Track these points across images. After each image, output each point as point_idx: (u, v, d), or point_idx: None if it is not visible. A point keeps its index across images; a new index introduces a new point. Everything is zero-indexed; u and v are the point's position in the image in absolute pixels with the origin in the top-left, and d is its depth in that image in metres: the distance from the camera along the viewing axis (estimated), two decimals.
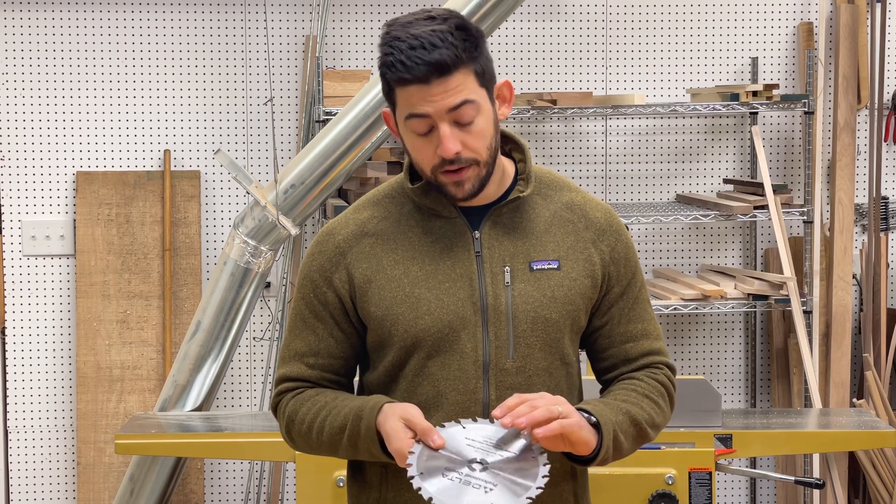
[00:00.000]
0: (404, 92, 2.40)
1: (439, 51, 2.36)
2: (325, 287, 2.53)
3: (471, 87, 2.41)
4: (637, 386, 2.55)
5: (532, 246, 2.52)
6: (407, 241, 2.51)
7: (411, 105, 2.40)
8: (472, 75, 2.41)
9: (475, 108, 2.41)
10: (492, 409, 2.46)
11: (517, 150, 2.57)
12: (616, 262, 2.56)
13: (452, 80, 2.38)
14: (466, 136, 2.41)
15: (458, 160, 2.41)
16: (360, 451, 2.46)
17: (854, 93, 5.40)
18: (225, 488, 5.44)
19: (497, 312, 2.48)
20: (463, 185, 2.44)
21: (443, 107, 2.39)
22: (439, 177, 2.44)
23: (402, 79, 2.38)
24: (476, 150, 2.42)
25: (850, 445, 4.60)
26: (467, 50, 2.39)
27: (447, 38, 2.37)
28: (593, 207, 2.58)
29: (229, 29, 5.33)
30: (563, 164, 5.46)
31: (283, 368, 2.59)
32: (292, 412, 2.54)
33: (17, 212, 5.30)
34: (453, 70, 2.38)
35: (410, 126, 2.42)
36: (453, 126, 2.40)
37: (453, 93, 2.38)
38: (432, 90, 2.38)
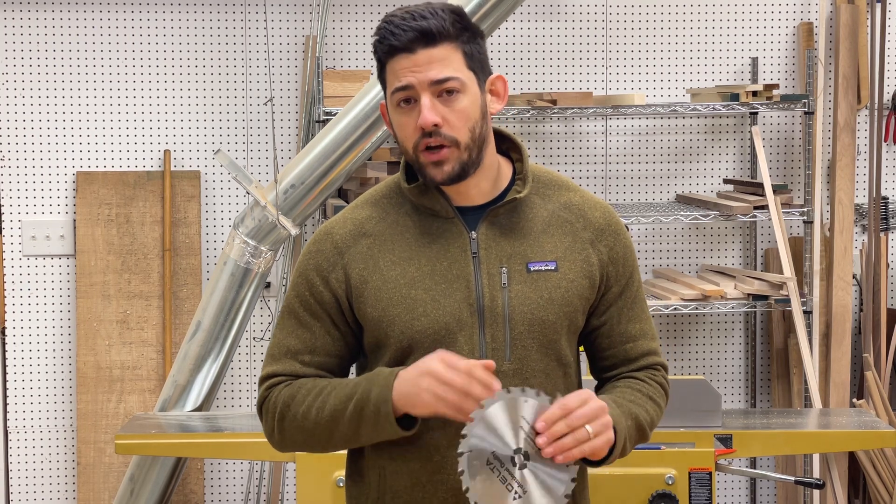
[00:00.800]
0: (392, 66, 2.43)
1: (427, 21, 2.41)
2: (322, 286, 2.52)
3: (456, 64, 2.43)
4: (642, 387, 2.56)
5: (529, 247, 2.51)
6: (404, 241, 2.51)
7: (397, 78, 2.43)
8: (460, 54, 2.44)
9: (459, 85, 2.43)
10: None
11: (514, 150, 2.57)
12: (615, 262, 2.56)
13: (437, 51, 2.41)
14: (448, 112, 2.42)
15: (437, 133, 2.42)
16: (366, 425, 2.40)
17: (854, 93, 5.40)
18: (225, 488, 5.44)
19: (493, 314, 2.47)
20: (442, 165, 2.44)
21: (426, 78, 2.41)
22: (420, 156, 2.44)
23: (391, 47, 2.42)
24: (456, 129, 2.43)
25: (850, 445, 4.60)
26: (456, 27, 2.43)
27: (437, 12, 2.42)
28: (592, 207, 2.58)
29: (229, 29, 5.33)
30: (563, 164, 5.46)
31: (273, 366, 2.53)
32: (288, 397, 2.48)
33: (17, 212, 5.30)
34: (438, 40, 2.41)
35: (395, 100, 2.44)
36: (435, 100, 2.42)
37: (438, 65, 2.41)
38: (417, 58, 2.41)
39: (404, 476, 2.50)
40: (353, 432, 2.43)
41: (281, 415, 2.49)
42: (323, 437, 2.46)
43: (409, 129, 2.44)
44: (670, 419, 3.86)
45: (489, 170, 2.51)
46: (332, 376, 2.53)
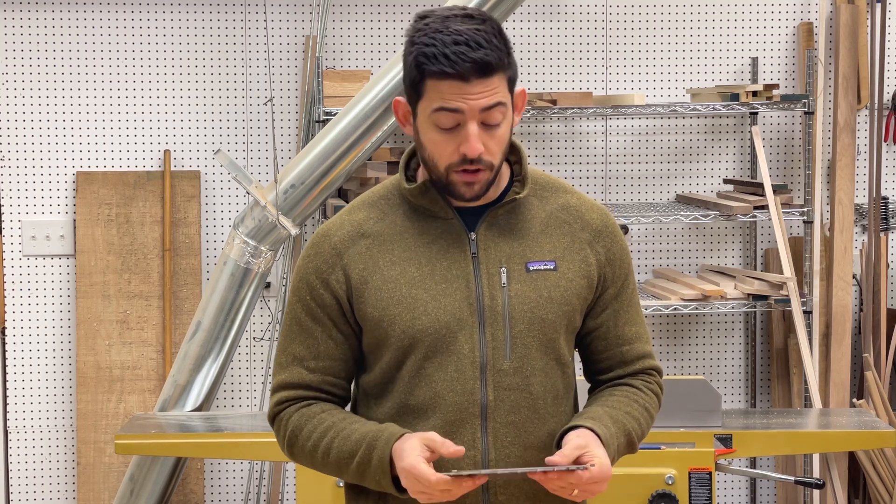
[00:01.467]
0: (439, 85, 2.39)
1: (485, 51, 2.38)
2: (322, 289, 2.52)
3: (503, 91, 2.42)
4: (638, 397, 2.58)
5: (528, 247, 2.52)
6: (403, 242, 2.51)
7: (444, 99, 2.39)
8: (506, 81, 2.43)
9: (503, 113, 2.43)
10: (489, 409, 2.47)
11: (513, 152, 2.58)
12: (611, 263, 2.57)
13: (491, 82, 2.39)
14: (489, 139, 2.43)
15: (478, 161, 2.42)
16: (368, 479, 2.45)
17: (854, 93, 5.40)
18: (225, 488, 5.44)
19: (494, 313, 2.48)
20: (474, 186, 2.45)
21: (477, 106, 2.39)
22: (452, 175, 2.44)
23: (444, 72, 2.37)
24: (494, 155, 2.44)
25: (850, 445, 4.60)
26: (504, 55, 2.42)
27: (491, 41, 2.39)
28: (588, 209, 2.59)
29: (229, 29, 5.33)
30: (563, 164, 5.46)
31: (281, 374, 2.56)
32: (296, 428, 2.52)
33: (17, 212, 5.30)
34: (495, 72, 2.39)
35: (436, 119, 2.42)
36: (480, 126, 2.41)
37: (490, 94, 2.40)
38: (471, 88, 2.38)
39: None
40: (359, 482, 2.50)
41: (290, 442, 2.55)
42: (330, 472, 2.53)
43: (446, 149, 2.43)
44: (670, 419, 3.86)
45: None
46: (339, 381, 2.55)
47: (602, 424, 2.47)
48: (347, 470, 2.47)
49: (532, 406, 2.49)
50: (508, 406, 2.48)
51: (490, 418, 2.47)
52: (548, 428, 2.51)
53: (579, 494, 2.41)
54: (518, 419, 2.48)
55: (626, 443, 2.53)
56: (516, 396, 2.48)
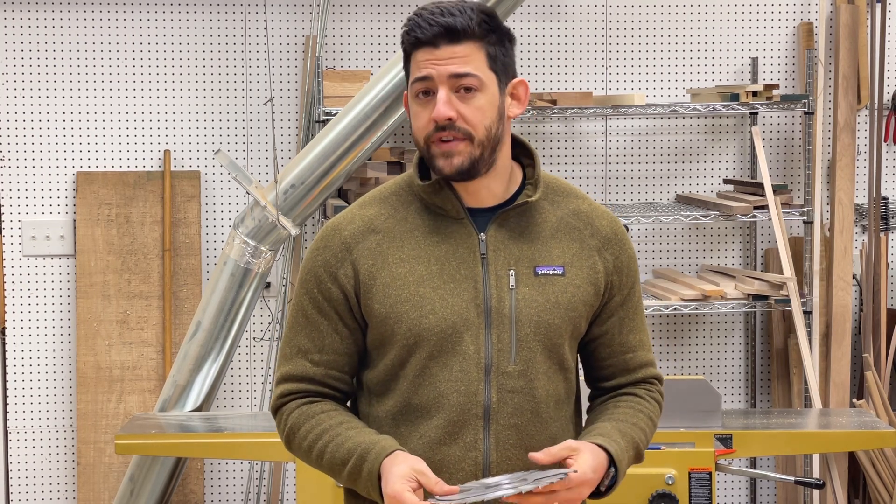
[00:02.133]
0: (415, 57, 2.46)
1: (454, 18, 2.44)
2: (330, 282, 2.52)
3: (477, 63, 2.45)
4: (643, 407, 2.60)
5: (538, 251, 2.52)
6: (413, 239, 2.51)
7: (419, 68, 2.45)
8: (483, 54, 2.46)
9: (478, 83, 2.45)
10: (493, 411, 2.47)
11: (526, 155, 2.58)
12: (619, 272, 2.58)
13: (460, 48, 2.44)
14: (464, 107, 2.44)
15: (451, 127, 2.43)
16: (359, 488, 2.47)
17: (854, 93, 5.40)
18: (225, 488, 5.44)
19: (500, 315, 2.48)
20: (452, 157, 2.45)
21: (445, 71, 2.43)
22: (431, 147, 2.46)
23: (416, 39, 2.45)
24: (471, 124, 2.45)
25: (850, 445, 4.60)
26: (482, 27, 2.45)
27: (465, 11, 2.45)
28: (599, 216, 2.59)
29: (229, 29, 5.33)
30: (563, 164, 5.46)
31: (285, 366, 2.56)
32: (294, 425, 2.53)
33: (17, 212, 5.30)
34: (462, 38, 2.44)
35: (414, 89, 2.47)
36: (452, 95, 2.44)
37: (459, 61, 2.44)
38: (439, 53, 2.44)
39: None
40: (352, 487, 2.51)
41: (288, 438, 2.56)
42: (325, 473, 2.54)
43: (423, 120, 2.46)
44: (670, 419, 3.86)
45: (502, 172, 2.53)
46: (342, 375, 2.55)
47: (612, 440, 2.49)
48: (340, 476, 2.48)
49: (535, 410, 2.49)
50: (511, 409, 2.48)
51: (493, 420, 2.47)
52: (549, 432, 2.51)
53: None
54: (520, 422, 2.48)
55: (635, 455, 2.55)
56: (519, 399, 2.48)
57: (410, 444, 2.48)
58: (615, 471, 2.48)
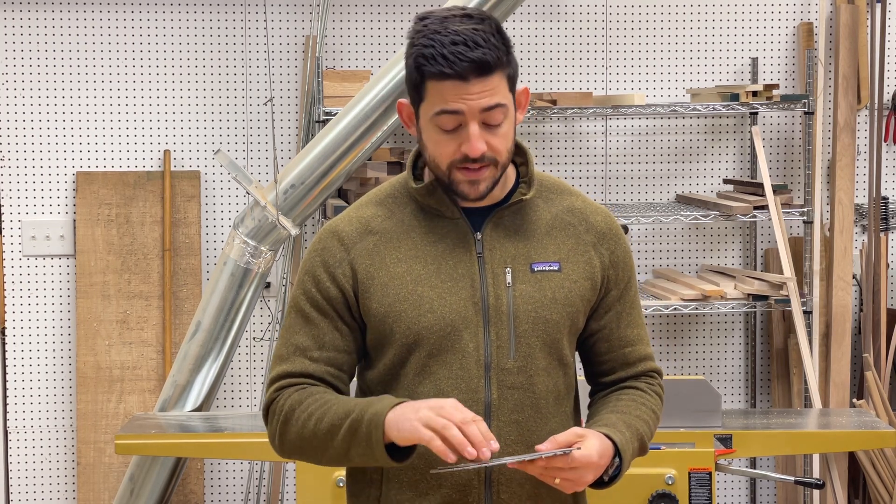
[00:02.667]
0: (439, 86, 2.40)
1: (482, 50, 2.37)
2: (329, 282, 2.52)
3: (503, 90, 2.42)
4: (646, 400, 2.61)
5: (533, 248, 2.53)
6: (410, 240, 2.52)
7: (444, 101, 2.40)
8: (506, 80, 2.43)
9: (504, 112, 2.43)
10: (493, 408, 2.47)
11: (519, 154, 2.58)
12: (615, 266, 2.59)
13: (491, 81, 2.40)
14: (491, 137, 2.43)
15: (481, 159, 2.43)
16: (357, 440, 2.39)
17: (854, 93, 5.40)
18: (225, 488, 5.44)
19: (498, 312, 2.49)
20: (478, 184, 2.45)
21: (477, 106, 2.40)
22: (455, 173, 2.45)
23: (442, 73, 2.38)
24: (498, 152, 2.44)
25: (850, 445, 4.60)
26: (503, 54, 2.41)
27: (489, 39, 2.39)
28: (593, 212, 2.60)
29: (229, 29, 5.33)
30: (563, 164, 5.46)
31: (282, 366, 2.53)
32: (296, 401, 2.47)
33: (17, 212, 5.30)
34: (493, 71, 2.39)
35: (438, 122, 2.42)
36: (481, 126, 2.41)
37: (490, 94, 2.40)
38: (470, 88, 2.39)
39: (406, 472, 2.50)
40: (345, 450, 2.43)
41: (286, 418, 2.49)
42: (319, 448, 2.46)
43: (448, 148, 2.43)
44: (670, 419, 3.86)
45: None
46: (341, 374, 2.53)
47: (617, 431, 2.49)
48: (338, 433, 2.41)
49: (535, 405, 2.50)
50: (512, 405, 2.49)
51: (494, 417, 2.48)
52: (550, 427, 2.51)
53: (561, 483, 2.40)
54: (521, 418, 2.49)
55: (639, 447, 2.55)
56: (520, 395, 2.49)
57: None
58: (619, 461, 2.48)
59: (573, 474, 2.40)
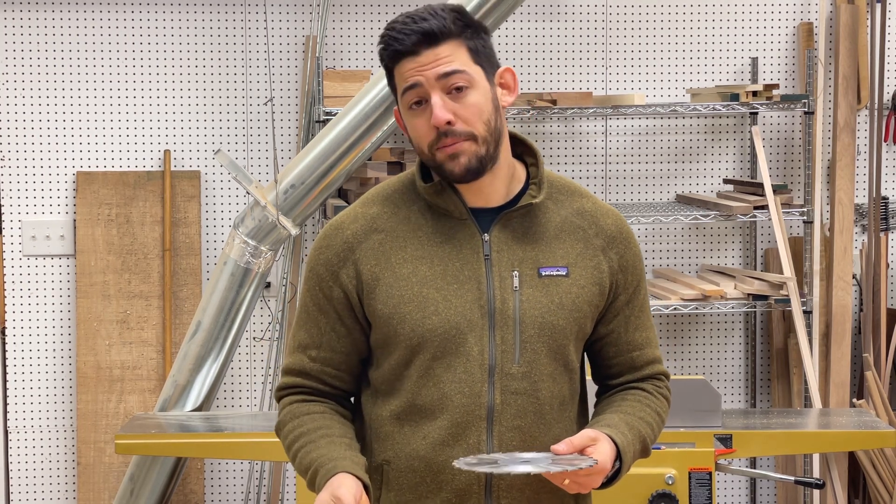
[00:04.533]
0: (399, 70, 2.45)
1: (427, 21, 2.43)
2: (331, 282, 2.52)
3: (462, 59, 2.44)
4: (650, 402, 2.60)
5: (541, 252, 2.51)
6: (416, 239, 2.51)
7: (404, 80, 2.44)
8: (465, 50, 2.45)
9: (467, 80, 2.44)
10: (495, 413, 2.47)
11: (529, 155, 2.57)
12: (624, 271, 2.57)
13: (441, 49, 2.43)
14: (459, 107, 2.43)
15: (452, 133, 2.43)
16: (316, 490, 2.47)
17: (854, 93, 5.40)
18: (225, 488, 5.44)
19: (504, 317, 2.48)
20: (458, 158, 2.44)
21: (432, 75, 2.42)
22: (437, 155, 2.45)
23: (396, 52, 2.43)
24: (470, 123, 2.44)
25: (850, 445, 4.60)
26: (457, 24, 2.45)
27: (437, 12, 2.44)
28: (604, 215, 2.58)
29: (229, 29, 5.33)
30: (563, 164, 5.46)
31: (288, 359, 2.60)
32: (282, 422, 2.57)
33: (17, 212, 5.30)
34: (441, 39, 2.43)
35: (406, 101, 2.46)
36: (445, 97, 2.43)
37: (443, 62, 2.43)
38: (421, 59, 2.43)
39: (406, 476, 2.50)
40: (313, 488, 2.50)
41: (277, 427, 2.60)
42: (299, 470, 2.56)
43: (422, 130, 2.46)
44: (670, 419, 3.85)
45: (504, 170, 2.52)
46: (338, 373, 2.56)
47: (619, 432, 2.48)
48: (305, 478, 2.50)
49: (538, 411, 2.49)
50: (515, 410, 2.48)
51: (496, 422, 2.47)
52: (553, 433, 2.50)
53: (570, 485, 2.41)
54: (524, 424, 2.48)
55: (641, 449, 2.54)
56: (523, 401, 2.48)
57: (414, 444, 2.48)
58: (619, 463, 2.47)
59: (585, 479, 2.40)
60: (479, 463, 2.39)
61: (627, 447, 2.48)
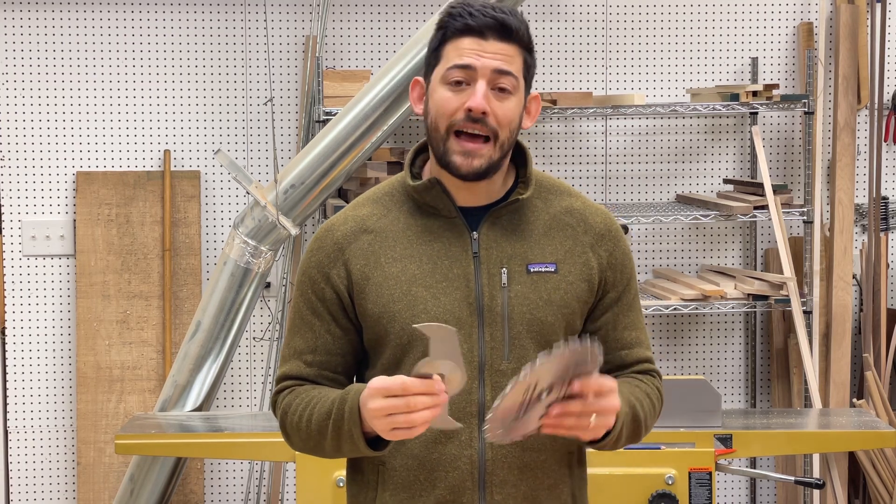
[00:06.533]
0: (457, 43, 2.45)
1: (507, 17, 2.45)
2: (323, 283, 2.53)
3: (517, 66, 2.46)
4: (640, 384, 2.57)
5: (530, 248, 2.52)
6: (405, 239, 2.52)
7: (460, 55, 2.44)
8: (522, 60, 2.47)
9: (513, 86, 2.46)
10: (487, 409, 2.46)
11: (519, 153, 2.58)
12: (613, 268, 2.57)
13: (508, 47, 2.45)
14: (498, 106, 2.45)
15: (482, 121, 2.43)
16: (343, 436, 2.41)
17: (854, 93, 5.40)
18: (225, 488, 5.44)
19: (493, 314, 2.48)
20: (472, 158, 2.45)
21: (491, 65, 2.43)
22: (451, 142, 2.45)
23: (466, 26, 2.43)
24: (500, 124, 2.45)
25: (850, 445, 4.60)
26: (527, 35, 2.48)
27: (516, 14, 2.47)
28: (593, 213, 2.59)
29: (229, 29, 5.33)
30: (563, 164, 5.46)
31: (283, 367, 2.58)
32: (287, 405, 2.53)
33: (17, 212, 5.30)
34: (512, 39, 2.45)
35: (449, 76, 2.45)
36: (490, 90, 2.44)
37: (504, 58, 2.44)
38: (487, 46, 2.44)
39: (401, 475, 2.50)
40: (337, 448, 2.45)
41: (282, 421, 2.55)
42: (318, 447, 2.50)
43: (452, 105, 2.45)
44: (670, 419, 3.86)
45: (501, 173, 2.53)
46: (337, 376, 2.55)
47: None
48: (327, 432, 2.43)
49: None
50: None
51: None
52: None
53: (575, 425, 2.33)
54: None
55: (633, 424, 2.49)
56: None
57: (407, 443, 2.48)
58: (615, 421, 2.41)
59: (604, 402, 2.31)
60: None
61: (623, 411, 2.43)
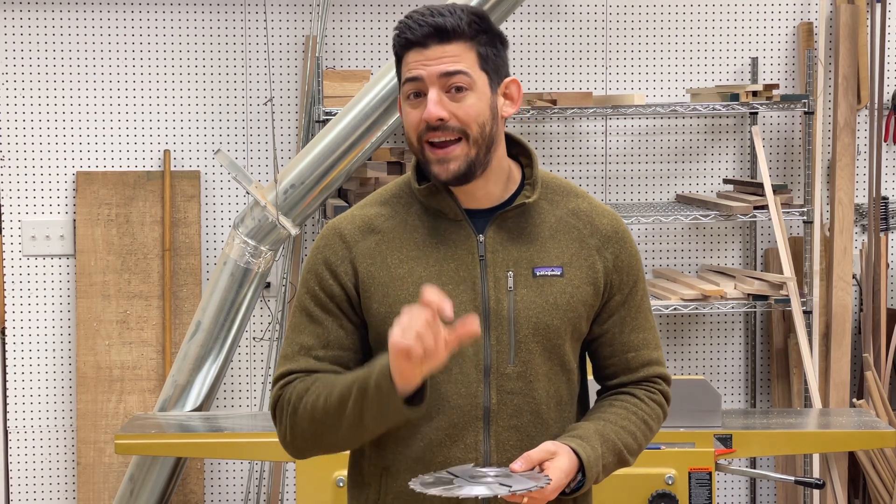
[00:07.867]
0: (406, 58, 2.46)
1: (443, 18, 2.44)
2: (332, 279, 2.51)
3: (468, 62, 2.45)
4: (638, 409, 2.57)
5: (536, 252, 2.51)
6: (412, 240, 2.51)
7: (409, 70, 2.46)
8: (474, 54, 2.46)
9: (468, 82, 2.45)
10: (492, 412, 2.46)
11: (524, 155, 2.58)
12: (619, 271, 2.56)
13: (450, 47, 2.44)
14: (456, 107, 2.45)
15: (443, 127, 2.44)
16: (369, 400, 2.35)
17: (854, 93, 5.40)
18: (225, 488, 5.44)
19: (499, 317, 2.48)
20: (448, 163, 2.45)
21: (436, 71, 2.44)
22: (425, 151, 2.46)
23: (406, 41, 2.45)
24: (464, 122, 2.45)
25: (850, 445, 4.60)
26: (472, 27, 2.46)
27: (455, 11, 2.45)
28: (599, 214, 2.58)
29: (229, 29, 5.33)
30: (563, 164, 5.46)
31: (287, 365, 2.52)
32: (303, 389, 2.46)
33: (17, 212, 5.30)
34: (452, 38, 2.45)
35: (405, 91, 2.47)
36: (443, 95, 2.44)
37: (449, 60, 2.44)
38: (429, 54, 2.44)
39: (405, 476, 2.50)
40: (359, 416, 2.38)
41: (294, 408, 2.47)
42: (332, 426, 2.43)
43: (414, 120, 2.47)
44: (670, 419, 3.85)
45: (499, 173, 2.52)
46: (348, 370, 2.49)
47: (588, 445, 2.46)
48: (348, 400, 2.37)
49: (535, 411, 2.49)
50: (511, 410, 2.48)
51: (493, 422, 2.47)
52: (551, 433, 2.50)
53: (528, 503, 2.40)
54: (520, 423, 2.48)
55: (617, 461, 2.52)
56: (519, 401, 2.48)
57: (412, 445, 2.48)
58: (582, 477, 2.45)
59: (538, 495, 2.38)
60: (435, 483, 2.37)
61: (594, 462, 2.45)
